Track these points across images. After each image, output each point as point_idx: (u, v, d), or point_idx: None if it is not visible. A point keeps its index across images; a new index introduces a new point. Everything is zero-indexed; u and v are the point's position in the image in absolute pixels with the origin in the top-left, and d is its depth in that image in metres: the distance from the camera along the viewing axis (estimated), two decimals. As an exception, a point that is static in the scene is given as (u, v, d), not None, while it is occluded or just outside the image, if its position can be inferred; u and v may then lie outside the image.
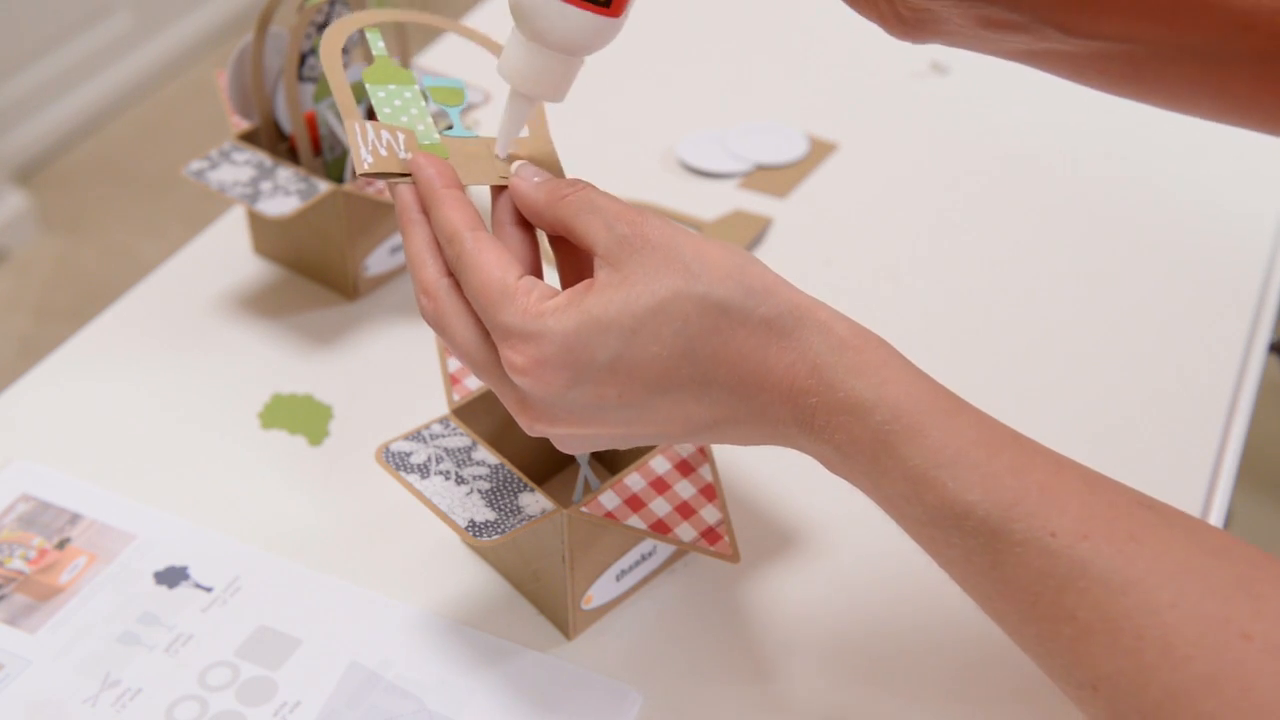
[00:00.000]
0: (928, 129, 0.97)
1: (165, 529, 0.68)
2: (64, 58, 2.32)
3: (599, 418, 0.47)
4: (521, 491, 0.58)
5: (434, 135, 0.56)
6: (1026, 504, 0.43)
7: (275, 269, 0.85)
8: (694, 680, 0.61)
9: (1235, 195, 0.91)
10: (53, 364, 0.79)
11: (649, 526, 0.58)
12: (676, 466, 0.61)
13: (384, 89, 0.57)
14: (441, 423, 0.61)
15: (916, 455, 0.44)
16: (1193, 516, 0.45)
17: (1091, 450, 0.73)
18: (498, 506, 0.57)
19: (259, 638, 0.62)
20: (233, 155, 0.79)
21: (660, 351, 0.45)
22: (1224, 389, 0.76)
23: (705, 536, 0.59)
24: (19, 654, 0.62)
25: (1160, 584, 0.41)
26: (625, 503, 0.59)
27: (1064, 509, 0.43)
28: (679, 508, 0.60)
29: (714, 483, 0.61)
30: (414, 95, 0.57)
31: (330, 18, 0.77)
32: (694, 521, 0.59)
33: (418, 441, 0.60)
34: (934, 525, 0.45)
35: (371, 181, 0.78)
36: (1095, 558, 0.42)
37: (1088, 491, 0.44)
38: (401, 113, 0.56)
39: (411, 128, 0.55)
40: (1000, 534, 0.43)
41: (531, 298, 0.46)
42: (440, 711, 0.59)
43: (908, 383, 0.45)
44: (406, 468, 0.58)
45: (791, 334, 0.46)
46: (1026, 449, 0.45)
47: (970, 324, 0.81)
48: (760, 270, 0.46)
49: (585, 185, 0.49)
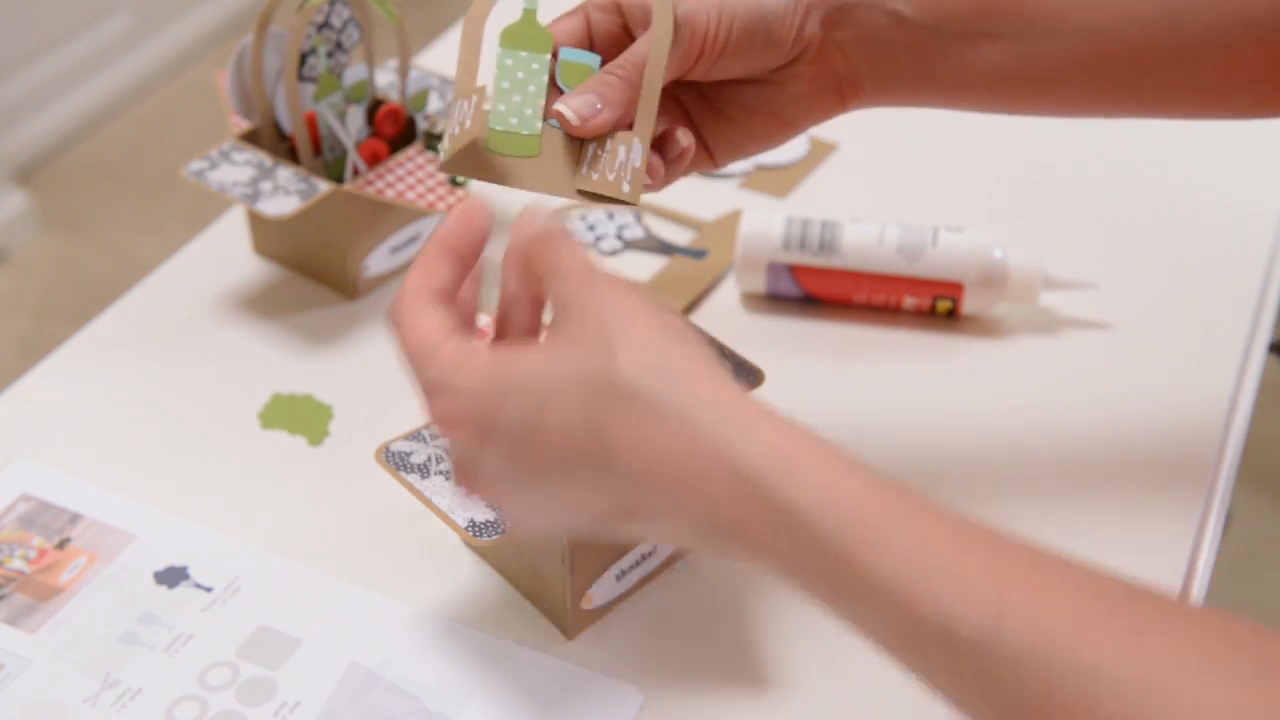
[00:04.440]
0: (928, 128, 0.97)
1: (165, 529, 0.68)
2: (64, 58, 2.32)
3: (516, 488, 0.47)
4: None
5: (536, 124, 0.56)
6: (1014, 610, 0.39)
7: (275, 269, 0.85)
8: (694, 680, 0.61)
9: (1235, 195, 0.91)
10: (53, 364, 0.79)
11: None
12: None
13: (514, 55, 0.56)
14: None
15: (880, 566, 0.40)
16: (1179, 598, 0.42)
17: (1091, 451, 0.73)
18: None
19: (259, 638, 0.62)
20: (233, 155, 0.79)
21: (568, 424, 0.44)
22: (1224, 389, 0.76)
23: None
24: (19, 654, 0.62)
25: (1178, 682, 0.37)
26: None
27: (1056, 609, 0.39)
28: None
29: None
30: (541, 67, 0.56)
31: (330, 18, 0.77)
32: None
33: (417, 441, 0.60)
34: (912, 646, 0.41)
35: (371, 181, 0.78)
36: (1102, 661, 0.38)
37: (1074, 586, 0.40)
38: (517, 90, 0.55)
39: (520, 110, 0.55)
40: (991, 649, 0.39)
41: (457, 352, 0.46)
42: (440, 711, 0.59)
43: (857, 486, 0.42)
44: (406, 467, 0.58)
45: (709, 432, 0.43)
46: (999, 545, 0.41)
47: (970, 324, 0.81)
48: (688, 357, 0.44)
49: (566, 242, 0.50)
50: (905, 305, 0.80)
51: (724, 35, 0.57)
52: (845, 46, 0.60)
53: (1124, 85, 0.62)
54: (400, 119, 0.82)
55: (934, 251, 0.79)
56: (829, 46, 0.60)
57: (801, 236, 0.80)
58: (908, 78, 0.61)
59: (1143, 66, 0.61)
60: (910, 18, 0.59)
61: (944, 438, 0.73)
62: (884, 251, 0.79)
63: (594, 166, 0.56)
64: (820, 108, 0.62)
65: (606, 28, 0.59)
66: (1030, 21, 0.60)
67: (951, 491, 0.70)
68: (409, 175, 0.79)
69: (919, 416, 0.75)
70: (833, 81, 0.61)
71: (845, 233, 0.80)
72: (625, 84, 0.56)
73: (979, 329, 0.80)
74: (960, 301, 0.79)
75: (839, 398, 0.76)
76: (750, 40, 0.58)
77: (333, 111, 0.78)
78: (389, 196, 0.78)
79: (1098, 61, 0.61)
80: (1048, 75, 0.61)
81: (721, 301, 0.83)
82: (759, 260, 0.80)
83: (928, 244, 0.79)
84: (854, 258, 0.79)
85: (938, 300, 0.80)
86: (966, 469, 0.71)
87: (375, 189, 0.78)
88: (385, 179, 0.78)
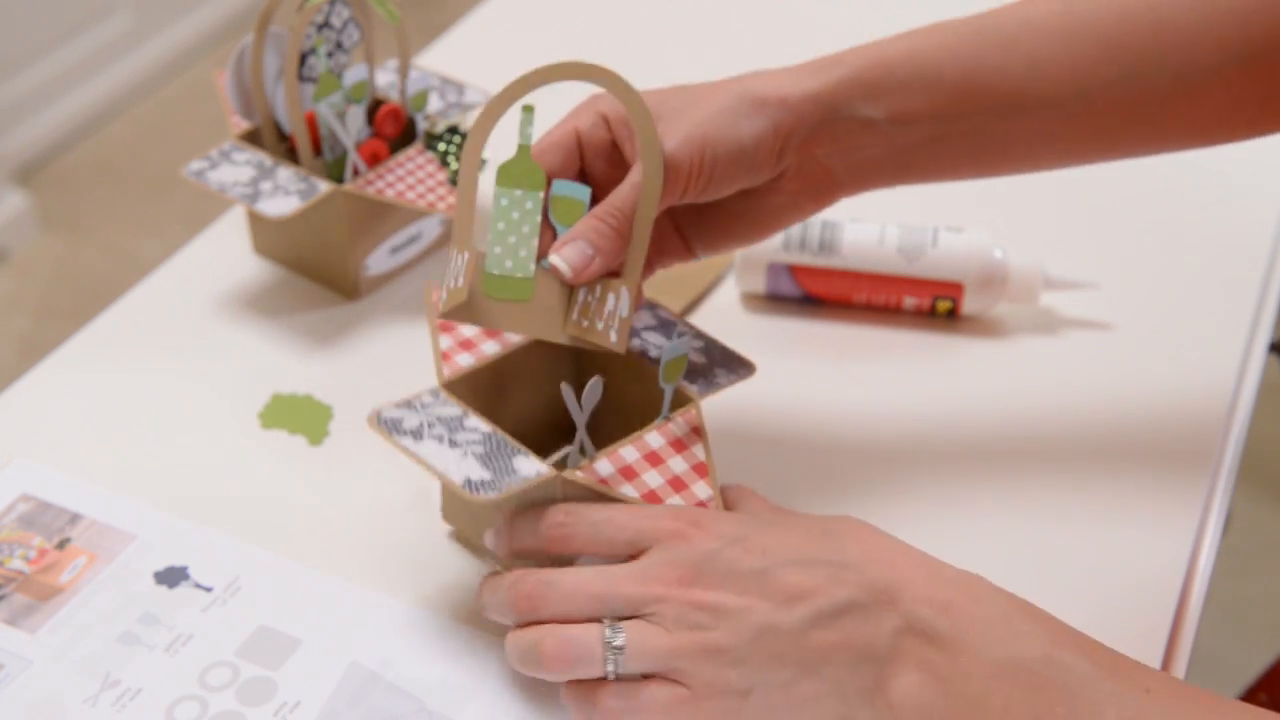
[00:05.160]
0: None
1: (165, 529, 0.68)
2: (64, 58, 2.32)
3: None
4: (516, 455, 0.58)
5: (530, 266, 0.59)
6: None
7: (275, 269, 0.85)
8: (694, 680, 0.61)
9: (1235, 195, 0.91)
10: (53, 364, 0.79)
11: (641, 496, 0.59)
12: (671, 443, 0.61)
13: (509, 195, 0.59)
14: (431, 393, 0.62)
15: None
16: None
17: (1091, 451, 0.73)
18: (493, 468, 0.56)
19: (259, 638, 0.62)
20: (233, 155, 0.79)
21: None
22: (1224, 389, 0.76)
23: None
24: (19, 654, 0.62)
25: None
26: (619, 471, 0.59)
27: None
28: (671, 481, 0.59)
29: (706, 462, 0.61)
30: (535, 205, 0.59)
31: (330, 18, 0.77)
32: (685, 495, 0.59)
33: (409, 409, 0.60)
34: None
35: (371, 181, 0.78)
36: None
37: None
38: (512, 231, 0.59)
39: (514, 252, 0.58)
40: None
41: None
42: (440, 711, 0.59)
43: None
44: (399, 431, 0.58)
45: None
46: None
47: (970, 324, 0.81)
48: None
49: (571, 522, 0.56)
50: (905, 305, 0.80)
51: (707, 171, 0.60)
52: (823, 158, 0.63)
53: (1095, 142, 0.65)
54: (400, 119, 0.82)
55: (934, 251, 0.79)
56: (808, 161, 0.63)
57: (801, 236, 0.80)
58: (887, 171, 0.64)
59: (1111, 126, 0.64)
60: (882, 121, 0.62)
61: (944, 438, 0.73)
62: (884, 251, 0.79)
63: (584, 314, 0.59)
64: (800, 211, 0.65)
65: (596, 140, 0.62)
66: (996, 106, 0.62)
67: (951, 492, 0.70)
68: (409, 175, 0.79)
69: (919, 416, 0.75)
70: (812, 189, 0.64)
71: (845, 233, 0.80)
72: (617, 234, 0.59)
73: (979, 329, 0.80)
74: (960, 301, 0.79)
75: (839, 398, 0.76)
76: (733, 171, 0.60)
77: (333, 111, 0.79)
78: (389, 196, 0.78)
79: (1066, 129, 0.64)
80: (1020, 149, 0.64)
81: (721, 301, 0.83)
82: (759, 260, 0.80)
83: (928, 244, 0.79)
84: (854, 258, 0.79)
85: (938, 300, 0.80)
86: (967, 469, 0.71)
87: (375, 189, 0.78)
88: (385, 179, 0.78)
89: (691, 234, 0.66)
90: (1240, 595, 1.61)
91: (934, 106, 0.62)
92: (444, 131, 0.82)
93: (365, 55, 0.82)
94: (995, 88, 0.62)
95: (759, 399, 0.75)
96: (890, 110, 0.62)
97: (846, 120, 0.62)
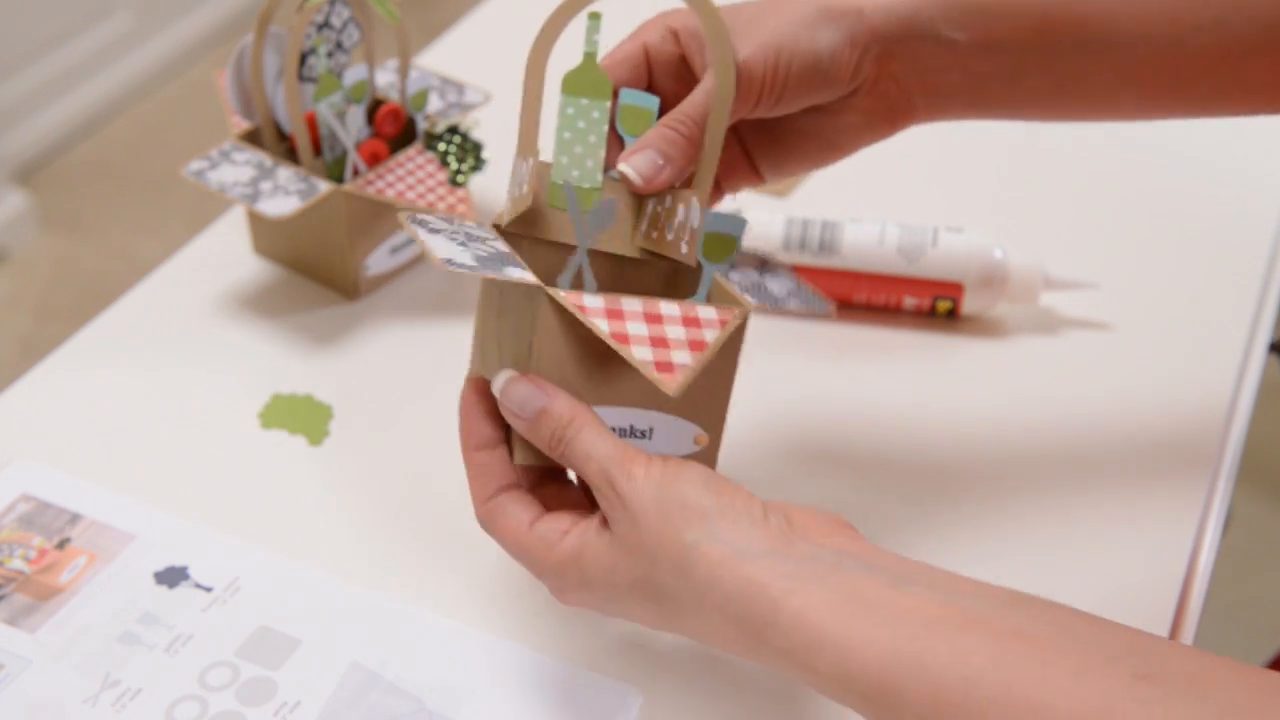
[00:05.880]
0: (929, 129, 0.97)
1: (165, 529, 0.68)
2: (64, 58, 2.32)
3: (598, 608, 0.55)
4: (512, 265, 0.54)
5: (597, 176, 0.56)
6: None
7: (275, 269, 0.85)
8: (694, 680, 0.61)
9: (1235, 195, 0.91)
10: (53, 364, 0.79)
11: (611, 335, 0.52)
12: (684, 318, 0.55)
13: (575, 103, 0.57)
14: (478, 225, 0.58)
15: (907, 713, 0.45)
16: (1191, 659, 0.44)
17: (1091, 451, 0.73)
18: (483, 263, 0.53)
19: (259, 638, 0.62)
20: (233, 155, 0.79)
21: (633, 605, 0.53)
22: (1224, 389, 0.76)
23: (658, 365, 0.52)
24: (19, 654, 0.62)
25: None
26: (607, 309, 0.53)
27: (1056, 713, 0.43)
28: (655, 338, 0.53)
29: (708, 346, 0.54)
30: (602, 115, 0.57)
31: (330, 18, 0.77)
32: (658, 353, 0.53)
33: (446, 222, 0.57)
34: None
35: (371, 181, 0.78)
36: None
37: (1075, 681, 0.43)
38: (578, 140, 0.56)
39: (581, 161, 0.56)
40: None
41: (538, 547, 0.54)
42: (440, 711, 0.59)
43: (871, 658, 0.46)
44: (420, 224, 0.56)
45: (742, 621, 0.49)
46: (1024, 652, 0.45)
47: (970, 324, 0.81)
48: (716, 551, 0.49)
49: (581, 423, 0.53)
50: (905, 305, 0.80)
51: (780, 82, 0.58)
52: (900, 77, 0.61)
53: (1175, 91, 0.62)
54: (400, 119, 0.82)
55: (934, 252, 0.79)
56: (884, 78, 0.61)
57: (801, 236, 0.80)
58: (962, 99, 0.62)
59: (1194, 73, 0.61)
60: (964, 44, 0.60)
61: (944, 438, 0.73)
62: (884, 252, 0.79)
63: (654, 224, 0.57)
64: (872, 133, 0.63)
65: (665, 56, 0.59)
66: (1082, 39, 0.60)
67: (951, 492, 0.70)
68: (409, 175, 0.79)
69: (919, 416, 0.75)
70: (886, 109, 0.62)
71: (845, 233, 0.80)
72: (688, 142, 0.57)
73: (979, 329, 0.80)
74: (960, 301, 0.79)
75: (839, 398, 0.76)
76: (807, 83, 0.59)
77: (333, 111, 0.79)
78: (389, 196, 0.78)
79: (1149, 71, 0.61)
80: (1099, 88, 0.62)
81: (721, 301, 0.83)
82: (759, 260, 0.80)
83: (928, 244, 0.79)
84: (854, 258, 0.79)
85: (938, 300, 0.80)
86: (966, 469, 0.72)
87: (375, 189, 0.78)
88: (385, 179, 0.78)
89: (759, 155, 0.63)
90: (1240, 595, 1.61)
91: (1019, 33, 0.60)
92: (444, 131, 0.82)
93: (365, 55, 0.82)
94: (1085, 19, 0.60)
95: (759, 399, 0.75)
96: (974, 33, 0.60)
97: (926, 39, 0.60)
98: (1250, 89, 0.62)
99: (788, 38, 0.58)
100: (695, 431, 0.56)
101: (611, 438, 0.53)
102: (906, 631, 0.46)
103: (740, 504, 0.51)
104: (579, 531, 0.53)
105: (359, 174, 0.79)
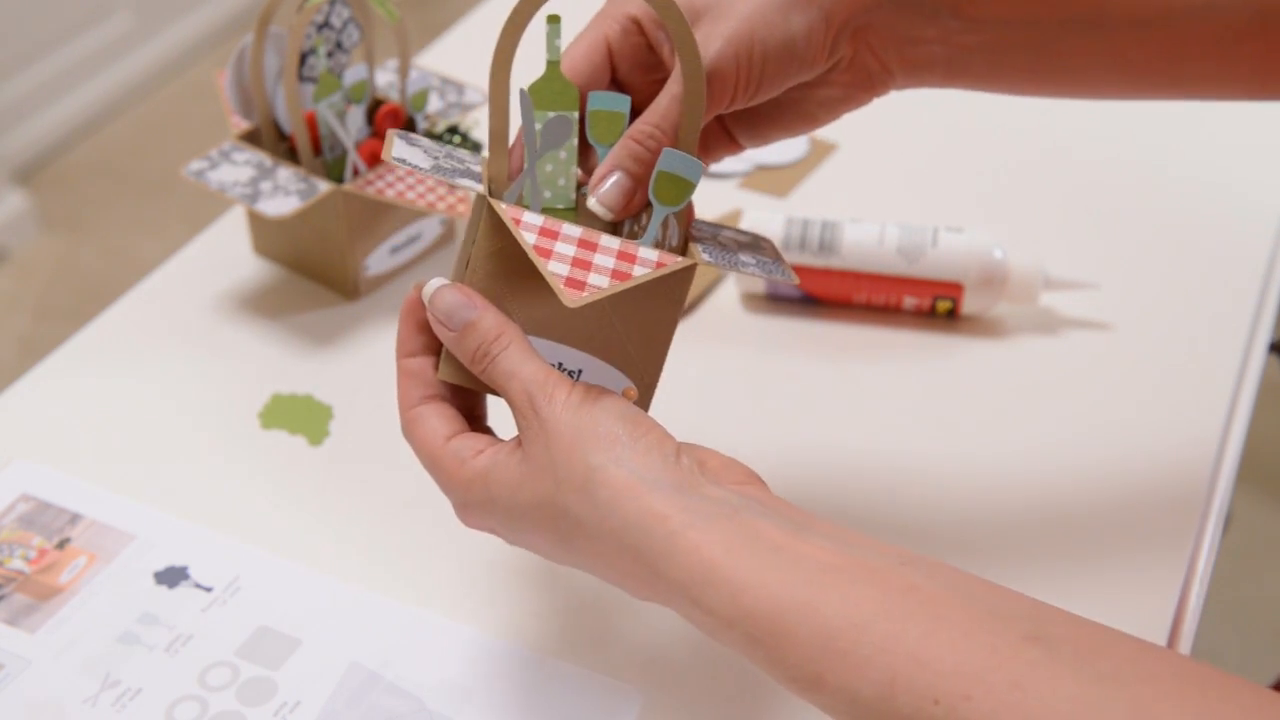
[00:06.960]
0: (929, 128, 0.97)
1: (165, 529, 0.68)
2: (64, 58, 2.33)
3: (502, 533, 0.54)
4: (467, 177, 0.53)
5: (570, 195, 0.54)
6: (905, 677, 0.43)
7: (275, 269, 0.85)
8: (694, 680, 0.61)
9: (1235, 195, 0.91)
10: (53, 364, 0.79)
11: (534, 248, 0.51)
12: (620, 252, 0.52)
13: (542, 118, 0.53)
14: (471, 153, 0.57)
15: (792, 656, 0.45)
16: (1084, 628, 0.44)
17: (1091, 451, 0.73)
18: (436, 169, 0.52)
19: (259, 638, 0.62)
20: (233, 155, 0.79)
21: (539, 531, 0.52)
22: (1224, 389, 0.76)
23: (569, 280, 0.50)
24: (19, 654, 0.62)
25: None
26: (543, 229, 0.51)
27: (942, 665, 0.42)
28: (579, 260, 0.51)
29: (632, 279, 0.52)
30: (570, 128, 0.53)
31: (330, 18, 0.77)
32: (575, 271, 0.51)
33: (438, 144, 0.56)
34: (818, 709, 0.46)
35: (371, 181, 0.78)
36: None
37: (964, 636, 0.43)
38: (549, 159, 0.53)
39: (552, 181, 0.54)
40: (885, 714, 0.43)
41: (451, 462, 0.53)
42: (440, 711, 0.59)
43: (765, 597, 0.46)
44: (404, 139, 0.54)
45: (640, 551, 0.48)
46: (915, 606, 0.44)
47: (970, 324, 0.81)
48: (623, 478, 0.49)
49: (507, 340, 0.52)
50: (905, 305, 0.80)
51: (755, 78, 0.55)
52: (878, 49, 0.59)
53: (1163, 73, 0.61)
54: (400, 119, 0.82)
55: (934, 252, 0.79)
56: (861, 51, 0.59)
57: (801, 237, 0.80)
58: (941, 70, 0.61)
59: (1182, 56, 0.60)
60: (944, 14, 0.58)
61: (943, 438, 0.73)
62: (884, 252, 0.79)
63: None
64: (850, 103, 0.61)
65: (629, 48, 0.57)
66: (1068, 19, 0.59)
67: (951, 491, 0.70)
68: (409, 175, 0.79)
69: (919, 416, 0.75)
70: (864, 80, 0.60)
71: (845, 233, 0.80)
72: (656, 159, 0.54)
73: (979, 329, 0.80)
74: (960, 302, 0.79)
75: (839, 398, 0.76)
76: (782, 71, 0.56)
77: (333, 111, 0.79)
78: (389, 196, 0.78)
79: (1138, 52, 0.60)
80: (1084, 66, 0.61)
81: (721, 301, 0.83)
82: (759, 260, 0.80)
83: (928, 244, 0.79)
84: (854, 258, 0.79)
85: (938, 300, 0.80)
86: (966, 469, 0.72)
87: (375, 189, 0.78)
88: (385, 179, 0.78)
89: (736, 126, 0.61)
90: (1240, 595, 1.61)
91: (1003, 8, 0.58)
92: (444, 131, 0.82)
93: (365, 55, 0.82)
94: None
95: (759, 399, 0.75)
96: (956, 6, 0.58)
97: (905, 11, 0.58)
98: (1240, 74, 0.61)
99: (760, 24, 0.55)
100: (625, 384, 0.55)
101: (538, 359, 0.52)
102: (801, 576, 0.46)
103: (654, 439, 0.50)
104: (493, 451, 0.52)
105: (359, 174, 0.79)
